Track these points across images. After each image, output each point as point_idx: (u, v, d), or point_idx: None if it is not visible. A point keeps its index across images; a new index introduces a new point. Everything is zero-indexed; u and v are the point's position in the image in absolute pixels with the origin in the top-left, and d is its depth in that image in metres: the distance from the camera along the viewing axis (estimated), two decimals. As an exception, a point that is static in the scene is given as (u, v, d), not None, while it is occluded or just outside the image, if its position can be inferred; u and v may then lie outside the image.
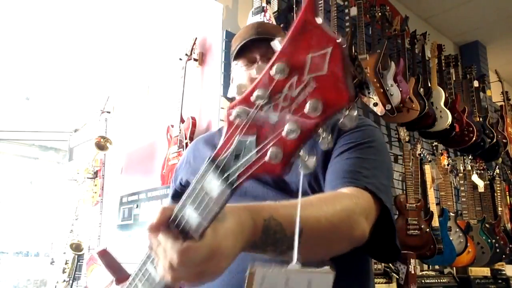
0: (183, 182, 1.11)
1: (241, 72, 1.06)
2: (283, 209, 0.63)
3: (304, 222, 0.64)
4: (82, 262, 3.27)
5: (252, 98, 0.46)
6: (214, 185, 0.50)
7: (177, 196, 1.12)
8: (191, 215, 0.53)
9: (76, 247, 3.20)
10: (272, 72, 0.45)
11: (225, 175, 0.49)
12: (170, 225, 0.55)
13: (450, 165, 2.97)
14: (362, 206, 0.79)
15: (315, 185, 0.92)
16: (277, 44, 0.45)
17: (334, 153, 0.92)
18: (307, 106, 0.43)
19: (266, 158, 0.46)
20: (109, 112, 3.28)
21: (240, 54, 1.05)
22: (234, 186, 0.49)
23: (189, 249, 0.53)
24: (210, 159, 0.51)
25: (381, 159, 0.94)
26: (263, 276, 0.51)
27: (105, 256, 0.82)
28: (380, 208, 0.83)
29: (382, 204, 0.83)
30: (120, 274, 0.86)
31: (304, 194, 0.78)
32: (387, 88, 2.45)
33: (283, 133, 0.45)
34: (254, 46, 1.03)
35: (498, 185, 3.28)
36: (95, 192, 3.35)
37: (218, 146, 0.50)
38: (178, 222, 0.54)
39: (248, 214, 0.61)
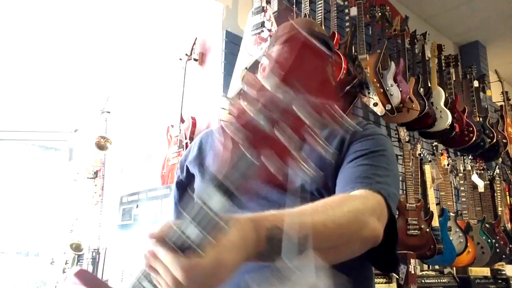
0: (189, 174, 1.09)
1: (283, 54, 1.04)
2: (287, 217, 0.63)
3: (315, 223, 0.66)
4: (82, 262, 3.27)
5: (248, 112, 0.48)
6: (214, 198, 0.51)
7: (183, 187, 1.11)
8: (193, 231, 0.53)
9: (76, 247, 3.20)
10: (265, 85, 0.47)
11: (224, 186, 0.50)
12: (168, 240, 0.55)
13: (450, 165, 2.97)
14: (372, 206, 0.79)
15: (324, 191, 0.91)
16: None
17: (346, 159, 0.92)
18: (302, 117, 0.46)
19: (263, 166, 0.47)
20: (109, 112, 3.28)
21: (287, 40, 0.99)
22: (233, 195, 0.51)
23: (196, 265, 0.53)
24: (211, 175, 0.52)
25: (393, 169, 0.94)
26: None
27: (83, 276, 0.75)
28: (387, 216, 0.83)
29: (389, 213, 0.83)
30: None
31: (315, 200, 0.78)
32: (387, 88, 2.45)
33: (280, 142, 0.46)
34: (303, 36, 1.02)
35: (498, 185, 3.28)
36: (95, 192, 3.35)
37: (218, 162, 0.51)
38: (178, 236, 0.55)
39: (251, 225, 0.61)
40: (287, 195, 0.90)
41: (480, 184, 3.06)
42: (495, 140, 3.24)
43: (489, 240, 2.87)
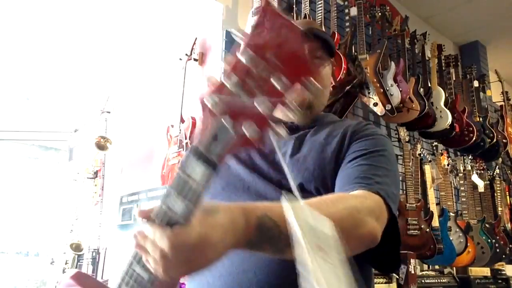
0: None
1: None
2: (278, 208, 0.62)
3: None
4: (82, 262, 3.27)
5: (225, 86, 0.51)
6: (197, 169, 0.53)
7: None
8: (177, 203, 0.54)
9: (76, 247, 3.20)
10: (240, 59, 0.50)
11: (206, 157, 0.52)
12: (155, 218, 0.56)
13: (450, 165, 2.97)
14: (369, 206, 0.78)
15: (323, 190, 0.90)
16: (237, 34, 0.50)
17: (346, 159, 0.92)
18: (272, 81, 0.48)
19: (241, 134, 0.50)
20: (109, 112, 3.28)
21: None
22: (215, 166, 0.52)
23: (179, 233, 0.54)
24: (191, 147, 0.53)
25: (393, 169, 0.93)
26: None
27: (81, 279, 0.75)
28: (388, 217, 0.82)
29: (390, 213, 0.82)
30: None
31: (311, 197, 0.78)
32: (387, 88, 2.45)
33: (255, 110, 0.49)
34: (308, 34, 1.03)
35: (498, 185, 3.28)
36: (95, 192, 3.35)
37: (198, 134, 0.53)
38: (164, 212, 0.55)
39: (241, 212, 0.62)
40: (279, 185, 0.90)
41: (480, 184, 3.06)
42: (495, 140, 3.24)
43: (489, 240, 2.87)
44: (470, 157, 3.10)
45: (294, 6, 2.32)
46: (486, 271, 2.89)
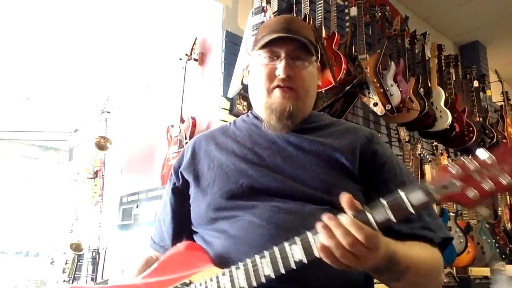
0: (184, 181, 1.07)
1: (262, 63, 1.01)
2: (401, 247, 0.80)
3: (413, 261, 0.82)
4: (82, 262, 3.27)
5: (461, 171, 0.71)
6: (417, 196, 0.70)
7: (179, 193, 1.08)
8: (381, 214, 0.71)
9: (76, 247, 3.20)
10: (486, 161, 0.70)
11: (430, 192, 0.70)
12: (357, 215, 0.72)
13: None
14: (439, 263, 0.94)
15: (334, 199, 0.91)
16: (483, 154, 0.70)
17: (381, 188, 0.91)
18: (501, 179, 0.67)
19: (465, 193, 0.69)
20: (109, 112, 3.28)
21: (265, 45, 1.01)
22: (432, 200, 0.70)
23: (372, 234, 0.70)
24: (421, 184, 0.71)
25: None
26: None
27: None
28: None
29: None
30: None
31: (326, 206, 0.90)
32: (387, 88, 2.45)
33: (481, 184, 0.68)
34: (282, 42, 0.99)
35: (498, 185, 3.28)
36: (95, 192, 3.35)
37: (433, 179, 0.72)
38: (365, 214, 0.72)
39: (386, 242, 0.76)
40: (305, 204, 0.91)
41: (480, 184, 3.05)
42: (495, 140, 3.24)
43: (489, 240, 2.87)
44: (470, 157, 3.10)
45: (294, 6, 2.32)
46: (486, 271, 2.89)
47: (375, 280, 0.93)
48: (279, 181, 0.93)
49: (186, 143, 2.18)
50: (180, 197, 1.07)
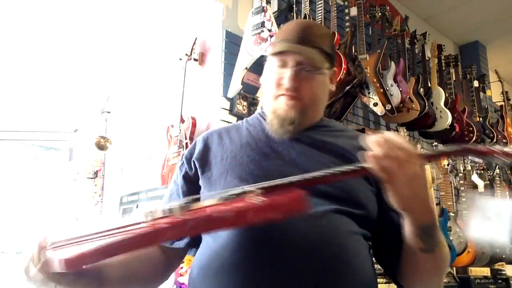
0: (196, 170, 1.07)
1: (272, 69, 1.04)
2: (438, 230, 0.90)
3: (442, 239, 0.89)
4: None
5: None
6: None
7: (191, 182, 1.08)
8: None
9: (76, 247, 3.19)
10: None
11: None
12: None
13: (450, 165, 2.97)
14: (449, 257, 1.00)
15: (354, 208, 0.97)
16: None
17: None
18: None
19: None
20: (109, 112, 3.28)
21: (276, 53, 1.03)
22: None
23: (419, 154, 0.81)
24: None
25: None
26: None
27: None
28: None
29: None
30: None
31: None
32: (387, 88, 2.45)
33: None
34: (291, 52, 1.00)
35: (498, 185, 3.28)
36: (95, 192, 3.35)
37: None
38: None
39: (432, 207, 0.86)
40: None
41: (480, 184, 3.06)
42: (495, 140, 3.24)
43: (489, 240, 2.87)
44: (470, 157, 3.10)
45: (294, 6, 2.32)
46: (486, 271, 2.89)
47: (379, 280, 0.97)
48: (293, 173, 0.93)
49: (186, 143, 2.18)
50: (192, 185, 1.07)
